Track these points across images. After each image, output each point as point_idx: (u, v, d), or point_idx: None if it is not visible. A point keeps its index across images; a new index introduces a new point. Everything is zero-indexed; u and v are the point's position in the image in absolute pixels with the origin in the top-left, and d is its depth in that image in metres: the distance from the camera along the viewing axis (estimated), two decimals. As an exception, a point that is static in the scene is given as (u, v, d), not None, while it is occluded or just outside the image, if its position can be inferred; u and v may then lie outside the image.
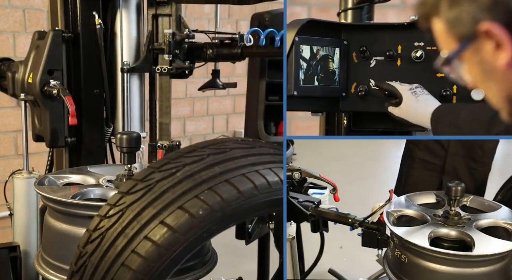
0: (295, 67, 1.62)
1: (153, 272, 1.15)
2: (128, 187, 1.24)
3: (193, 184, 1.20)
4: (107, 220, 1.19)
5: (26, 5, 3.73)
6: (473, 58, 0.96)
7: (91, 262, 1.18)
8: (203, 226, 1.18)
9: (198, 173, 1.22)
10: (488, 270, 1.51)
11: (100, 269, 1.16)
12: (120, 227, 1.17)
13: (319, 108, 1.80)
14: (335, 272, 2.46)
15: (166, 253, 1.16)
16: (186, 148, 1.32)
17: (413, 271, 1.57)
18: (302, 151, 2.84)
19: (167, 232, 1.15)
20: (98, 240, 1.19)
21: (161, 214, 1.17)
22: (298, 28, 1.61)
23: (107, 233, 1.18)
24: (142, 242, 1.15)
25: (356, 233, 1.88)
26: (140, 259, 1.14)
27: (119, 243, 1.16)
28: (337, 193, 2.07)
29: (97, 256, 1.18)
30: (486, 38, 0.92)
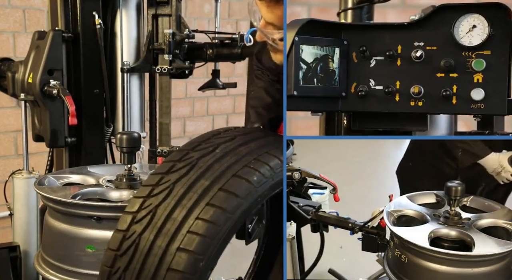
0: (295, 67, 1.62)
1: (220, 236, 1.19)
2: (166, 168, 1.24)
3: (237, 157, 1.26)
4: (154, 198, 1.19)
5: (26, 5, 3.73)
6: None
7: (144, 239, 1.16)
8: (258, 191, 1.24)
9: (237, 148, 1.30)
10: (488, 270, 1.51)
11: (159, 243, 1.14)
12: (173, 200, 1.18)
13: (319, 108, 1.80)
14: (335, 272, 2.45)
15: (232, 217, 1.19)
16: (209, 133, 1.40)
17: (413, 271, 1.57)
18: (302, 151, 2.84)
19: (230, 196, 1.18)
20: (148, 217, 1.17)
21: (218, 182, 1.20)
22: (298, 28, 1.61)
23: (158, 209, 1.17)
24: (205, 209, 1.17)
25: (356, 236, 1.89)
26: (207, 224, 1.15)
27: (177, 215, 1.16)
28: (337, 193, 2.08)
29: (151, 232, 1.16)
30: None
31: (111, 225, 1.49)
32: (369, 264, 2.01)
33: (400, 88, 1.68)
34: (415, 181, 2.25)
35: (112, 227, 1.48)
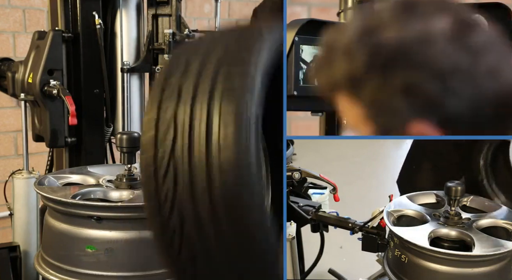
0: (295, 67, 1.62)
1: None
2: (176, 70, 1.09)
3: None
4: (171, 104, 1.03)
5: (26, 5, 3.73)
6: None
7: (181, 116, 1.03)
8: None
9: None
10: (488, 270, 1.51)
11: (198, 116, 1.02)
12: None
13: (319, 108, 1.80)
14: (335, 272, 2.45)
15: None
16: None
17: (413, 271, 1.57)
18: (302, 151, 2.84)
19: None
20: (172, 128, 1.01)
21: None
22: (298, 28, 1.61)
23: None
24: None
25: (356, 236, 1.89)
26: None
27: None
28: (337, 193, 2.08)
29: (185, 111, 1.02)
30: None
31: (111, 225, 1.49)
32: (369, 264, 2.02)
33: (400, 88, 1.69)
34: (416, 182, 2.25)
35: (112, 227, 1.49)
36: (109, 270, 1.48)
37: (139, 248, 1.49)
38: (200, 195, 0.97)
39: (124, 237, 1.49)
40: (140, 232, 1.49)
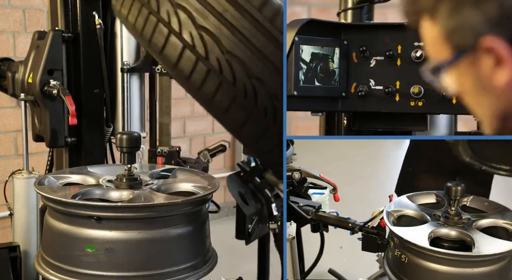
0: (295, 67, 1.62)
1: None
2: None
3: None
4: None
5: (26, 5, 3.73)
6: (467, 70, 0.89)
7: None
8: None
9: None
10: (488, 270, 1.51)
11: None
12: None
13: (319, 108, 1.80)
14: (335, 272, 2.45)
15: None
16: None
17: (413, 271, 1.57)
18: (302, 151, 2.84)
19: None
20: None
21: None
22: (298, 28, 1.61)
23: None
24: None
25: (356, 236, 1.89)
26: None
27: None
28: (337, 193, 2.08)
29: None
30: (486, 52, 0.85)
31: (111, 225, 1.49)
32: (369, 264, 2.02)
33: (400, 88, 1.69)
34: (416, 182, 2.25)
35: (112, 227, 1.48)
36: (109, 270, 1.48)
37: (139, 248, 1.49)
38: None
39: (124, 237, 1.49)
40: (140, 232, 1.49)
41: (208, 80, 1.15)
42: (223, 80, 1.15)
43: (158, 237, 1.52)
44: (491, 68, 0.85)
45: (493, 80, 0.86)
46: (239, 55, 1.14)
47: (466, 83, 0.91)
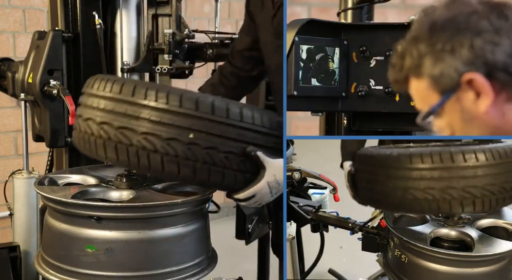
0: (295, 67, 1.62)
1: None
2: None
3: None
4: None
5: (26, 5, 3.73)
6: (454, 108, 1.06)
7: None
8: None
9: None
10: (488, 270, 1.51)
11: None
12: None
13: (319, 108, 1.81)
14: (335, 272, 2.46)
15: None
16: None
17: (413, 271, 1.57)
18: (302, 151, 2.84)
19: None
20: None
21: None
22: (298, 28, 1.61)
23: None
24: None
25: (356, 236, 1.89)
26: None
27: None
28: (337, 193, 2.08)
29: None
30: (468, 88, 1.02)
31: (111, 225, 1.49)
32: (369, 264, 2.02)
33: (400, 88, 1.69)
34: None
35: (112, 227, 1.48)
36: (109, 270, 1.48)
37: (139, 248, 1.49)
38: None
39: (124, 237, 1.49)
40: (140, 232, 1.49)
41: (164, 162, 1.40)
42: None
43: (158, 237, 1.52)
44: (473, 100, 1.03)
45: (476, 110, 1.03)
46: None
47: (454, 119, 1.07)
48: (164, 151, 1.38)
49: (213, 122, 1.40)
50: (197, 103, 1.39)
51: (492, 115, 1.03)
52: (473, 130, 1.07)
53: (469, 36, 1.01)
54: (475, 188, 1.39)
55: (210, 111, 1.40)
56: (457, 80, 1.02)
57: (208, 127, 1.39)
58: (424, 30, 1.06)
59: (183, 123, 1.38)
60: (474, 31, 1.01)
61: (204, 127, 1.39)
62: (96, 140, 1.43)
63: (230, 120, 1.42)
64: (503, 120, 1.04)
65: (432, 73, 1.05)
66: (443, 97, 1.05)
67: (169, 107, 1.38)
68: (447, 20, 1.04)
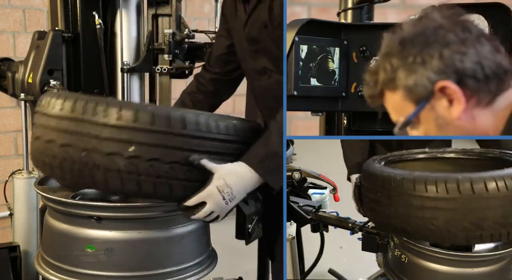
0: (295, 67, 1.62)
1: None
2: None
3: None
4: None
5: (26, 5, 3.73)
6: (429, 116, 1.11)
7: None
8: None
9: None
10: (488, 270, 1.51)
11: None
12: None
13: (319, 108, 1.80)
14: (335, 272, 2.46)
15: None
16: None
17: (413, 271, 1.57)
18: (302, 151, 2.84)
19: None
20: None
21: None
22: (298, 28, 1.61)
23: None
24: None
25: (356, 236, 1.89)
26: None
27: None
28: (337, 193, 2.08)
29: None
30: (441, 95, 1.09)
31: (111, 225, 1.49)
32: (369, 264, 2.02)
33: (400, 88, 1.69)
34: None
35: (112, 227, 1.48)
36: (109, 270, 1.48)
37: (139, 248, 1.49)
38: None
39: (124, 237, 1.49)
40: (140, 232, 1.49)
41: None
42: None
43: (158, 237, 1.52)
44: (446, 107, 1.09)
45: (449, 116, 1.09)
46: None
47: (430, 127, 1.13)
48: (106, 167, 1.34)
49: (153, 133, 1.34)
50: (136, 114, 1.34)
51: (464, 120, 1.10)
52: (448, 135, 1.15)
53: (438, 48, 1.08)
54: (483, 221, 1.32)
55: (150, 122, 1.34)
56: (431, 89, 1.08)
57: (149, 138, 1.34)
58: (395, 46, 1.13)
59: (123, 136, 1.33)
60: (442, 43, 1.08)
61: (145, 138, 1.34)
62: (44, 159, 1.43)
63: (171, 129, 1.35)
64: (474, 124, 1.11)
65: (406, 84, 1.10)
66: (418, 106, 1.11)
67: (108, 121, 1.33)
68: (416, 34, 1.11)
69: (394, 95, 1.13)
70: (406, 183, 1.37)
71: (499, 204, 1.30)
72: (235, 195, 1.45)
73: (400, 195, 1.39)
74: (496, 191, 1.29)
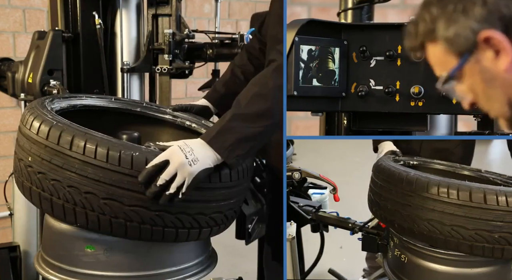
0: (295, 67, 1.62)
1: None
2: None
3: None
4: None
5: (26, 5, 3.73)
6: (474, 69, 1.03)
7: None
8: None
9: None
10: (488, 270, 1.51)
11: None
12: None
13: (319, 108, 1.80)
14: (335, 272, 2.46)
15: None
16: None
17: (413, 271, 1.57)
18: (302, 151, 2.84)
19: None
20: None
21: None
22: (298, 28, 1.61)
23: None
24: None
25: (356, 236, 1.89)
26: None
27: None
28: (337, 193, 2.08)
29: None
30: (486, 46, 1.00)
31: (111, 225, 1.49)
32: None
33: (400, 88, 1.69)
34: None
35: (112, 227, 1.48)
36: (109, 270, 1.48)
37: (139, 248, 1.49)
38: None
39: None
40: (140, 232, 1.49)
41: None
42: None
43: (158, 237, 1.51)
44: (492, 59, 1.00)
45: (496, 69, 1.00)
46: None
47: (475, 82, 1.04)
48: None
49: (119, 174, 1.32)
50: (107, 154, 1.31)
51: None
52: (495, 90, 1.04)
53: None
54: (489, 233, 1.34)
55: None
56: (473, 40, 1.00)
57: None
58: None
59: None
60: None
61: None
62: (24, 183, 1.45)
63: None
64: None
65: (447, 36, 1.02)
66: (461, 60, 1.02)
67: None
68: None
69: (435, 47, 1.06)
70: (419, 184, 1.41)
71: (506, 220, 1.33)
72: (197, 157, 1.35)
73: (411, 195, 1.43)
74: (505, 206, 1.32)
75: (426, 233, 1.42)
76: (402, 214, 1.48)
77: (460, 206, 1.36)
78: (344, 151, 5.33)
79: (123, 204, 1.33)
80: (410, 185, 1.46)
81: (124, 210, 1.33)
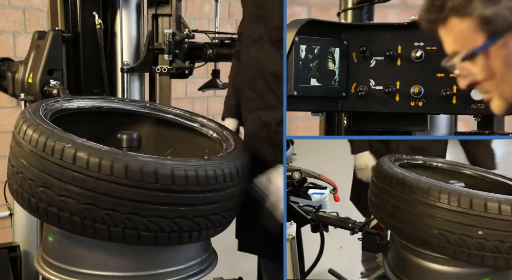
0: (294, 67, 1.62)
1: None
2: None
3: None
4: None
5: (26, 5, 3.73)
6: (498, 52, 1.02)
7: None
8: None
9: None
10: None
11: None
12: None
13: (319, 108, 1.80)
14: (335, 272, 2.46)
15: None
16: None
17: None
18: (302, 151, 2.84)
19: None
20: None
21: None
22: (298, 28, 1.61)
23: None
24: None
25: (356, 236, 1.89)
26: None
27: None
28: (337, 193, 2.08)
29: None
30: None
31: (111, 225, 1.48)
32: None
33: (400, 88, 1.69)
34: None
35: (112, 227, 1.48)
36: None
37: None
38: None
39: (124, 237, 1.48)
40: (140, 232, 1.49)
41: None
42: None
43: (158, 237, 1.51)
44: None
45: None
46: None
47: (496, 64, 1.03)
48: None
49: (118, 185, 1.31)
50: (100, 165, 1.30)
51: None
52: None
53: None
54: (487, 242, 1.34)
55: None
56: (508, 25, 0.98)
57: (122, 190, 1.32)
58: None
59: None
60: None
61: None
62: (17, 190, 1.49)
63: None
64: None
65: (483, 14, 1.00)
66: (490, 39, 1.01)
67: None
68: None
69: (461, 23, 1.03)
70: (419, 189, 1.41)
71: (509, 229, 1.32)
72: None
73: (411, 200, 1.42)
74: (510, 215, 1.30)
75: (433, 241, 1.43)
76: (397, 215, 1.49)
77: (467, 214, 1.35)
78: (344, 151, 5.32)
79: (120, 213, 1.33)
80: (421, 193, 1.45)
81: (121, 218, 1.34)
